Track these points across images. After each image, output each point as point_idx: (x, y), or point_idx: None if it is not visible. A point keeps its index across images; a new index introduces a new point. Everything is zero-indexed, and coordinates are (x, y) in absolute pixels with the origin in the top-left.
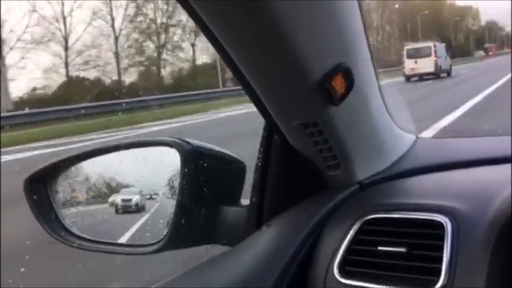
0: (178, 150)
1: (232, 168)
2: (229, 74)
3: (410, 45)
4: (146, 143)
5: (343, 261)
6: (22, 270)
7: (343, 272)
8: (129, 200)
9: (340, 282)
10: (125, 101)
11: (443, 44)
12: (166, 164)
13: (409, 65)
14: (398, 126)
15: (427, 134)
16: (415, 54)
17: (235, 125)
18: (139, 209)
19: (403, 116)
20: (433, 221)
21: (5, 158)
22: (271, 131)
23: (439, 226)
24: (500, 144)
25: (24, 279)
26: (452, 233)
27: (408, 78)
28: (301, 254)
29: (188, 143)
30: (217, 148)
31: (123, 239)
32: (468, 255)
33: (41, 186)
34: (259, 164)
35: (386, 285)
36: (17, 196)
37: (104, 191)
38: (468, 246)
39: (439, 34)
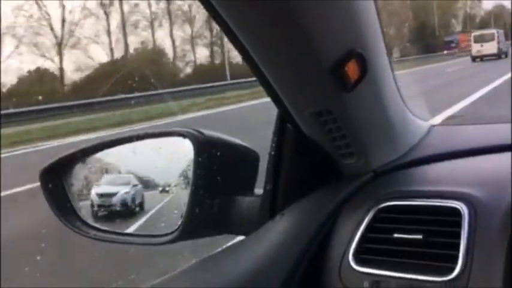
0: (191, 141)
1: (245, 158)
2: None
3: (476, 32)
4: (159, 134)
5: (358, 249)
6: None
7: (359, 260)
8: (110, 195)
9: (355, 270)
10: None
11: (502, 31)
12: (180, 154)
13: (475, 48)
14: (412, 114)
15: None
16: (480, 39)
17: None
18: (130, 209)
19: (418, 104)
20: (450, 207)
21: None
22: (284, 119)
23: (456, 213)
24: None
25: None
26: (469, 220)
27: (474, 58)
28: (316, 243)
29: (201, 133)
30: (230, 138)
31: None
32: (485, 242)
33: (56, 177)
34: (273, 153)
35: (402, 272)
36: None
37: None
38: (485, 232)
39: (414, 18)
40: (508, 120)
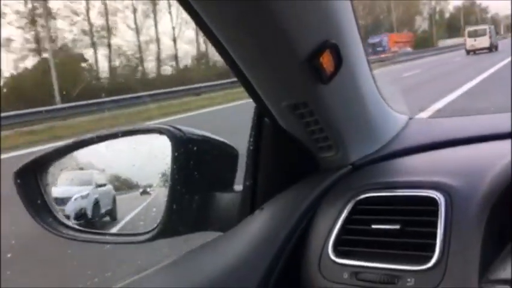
0: (168, 137)
1: (224, 154)
2: None
3: (470, 28)
4: (136, 131)
5: (337, 241)
6: None
7: (338, 252)
8: (62, 201)
9: (334, 261)
10: None
11: (493, 26)
12: (157, 151)
13: (469, 42)
14: (390, 107)
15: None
16: (474, 34)
17: None
18: (92, 219)
19: (396, 98)
20: (427, 197)
21: None
22: (261, 114)
23: (433, 202)
24: (492, 122)
25: None
26: (446, 209)
27: (468, 52)
28: (295, 236)
29: (179, 129)
30: (209, 134)
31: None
32: (462, 230)
33: (31, 178)
34: (251, 148)
35: (380, 262)
36: None
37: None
38: (462, 221)
39: (370, 14)
40: (486, 112)
